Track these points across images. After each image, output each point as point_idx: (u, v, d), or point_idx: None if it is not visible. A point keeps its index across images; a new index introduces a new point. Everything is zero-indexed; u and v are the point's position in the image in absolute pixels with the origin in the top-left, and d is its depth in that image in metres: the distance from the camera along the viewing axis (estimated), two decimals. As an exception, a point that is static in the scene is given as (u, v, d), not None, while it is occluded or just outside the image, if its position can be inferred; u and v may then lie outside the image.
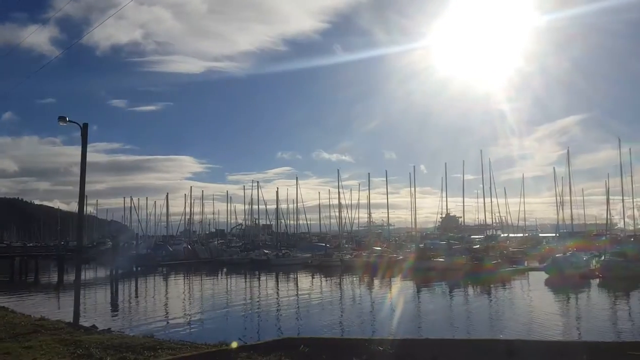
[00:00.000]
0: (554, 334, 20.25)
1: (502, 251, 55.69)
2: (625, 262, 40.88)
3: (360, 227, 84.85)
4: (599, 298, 32.97)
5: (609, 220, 57.51)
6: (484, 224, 69.09)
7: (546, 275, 41.89)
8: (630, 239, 55.80)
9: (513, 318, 25.05)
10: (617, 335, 20.32)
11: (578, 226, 68.26)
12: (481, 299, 33.51)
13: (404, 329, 21.89)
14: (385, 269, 47.40)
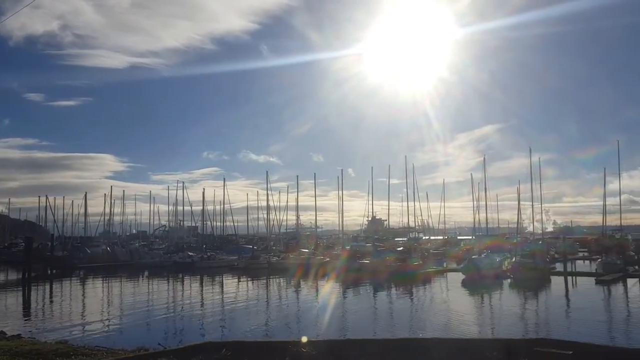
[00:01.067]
0: (468, 332, 21.36)
1: (424, 252, 58.02)
2: (533, 263, 44.02)
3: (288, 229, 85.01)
4: (509, 296, 35.18)
5: (520, 224, 61.51)
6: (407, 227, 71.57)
7: (463, 275, 44.20)
8: (538, 241, 59.99)
9: (432, 316, 26.16)
10: (525, 332, 21.77)
11: (492, 229, 72.42)
12: (404, 298, 34.67)
13: (330, 330, 22.20)
14: (313, 271, 47.87)
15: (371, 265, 48.63)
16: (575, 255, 67.63)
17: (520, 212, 58.90)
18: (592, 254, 64.27)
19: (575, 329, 22.48)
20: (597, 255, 55.99)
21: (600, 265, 46.68)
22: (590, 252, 66.89)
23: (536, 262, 44.72)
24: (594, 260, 55.50)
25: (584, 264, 58.45)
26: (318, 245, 69.98)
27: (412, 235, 69.65)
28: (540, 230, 64.74)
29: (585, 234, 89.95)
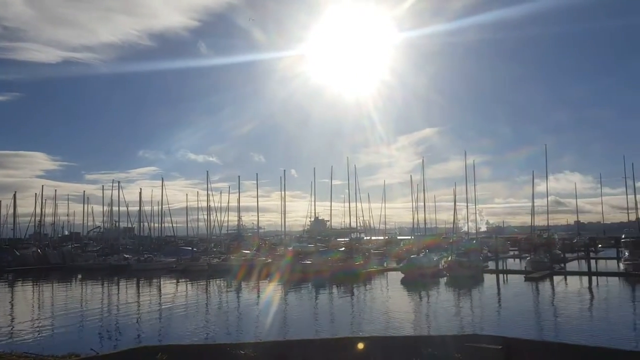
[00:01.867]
0: (406, 330, 21.93)
1: (365, 252, 59.02)
2: (468, 261, 45.88)
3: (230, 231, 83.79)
4: (445, 294, 36.42)
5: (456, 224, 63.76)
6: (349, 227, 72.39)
7: (402, 274, 45.38)
8: (472, 240, 62.48)
9: (372, 315, 26.65)
10: (460, 328, 22.61)
11: (431, 229, 74.79)
12: (346, 297, 35.10)
13: (272, 331, 22.14)
14: (256, 272, 47.53)
15: (314, 265, 48.93)
16: (507, 253, 71.12)
17: (456, 212, 61.08)
18: (522, 252, 67.82)
19: (505, 325, 23.64)
20: (527, 253, 59.04)
21: (529, 263, 49.35)
22: (520, 250, 70.55)
23: (470, 260, 46.69)
24: (524, 258, 58.53)
25: (515, 262, 61.53)
26: (261, 246, 69.53)
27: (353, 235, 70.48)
28: (475, 229, 67.54)
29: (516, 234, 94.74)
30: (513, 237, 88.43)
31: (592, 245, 68.68)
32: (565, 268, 49.68)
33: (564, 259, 53.69)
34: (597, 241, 77.73)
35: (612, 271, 46.90)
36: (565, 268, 49.68)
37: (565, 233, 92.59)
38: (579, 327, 22.67)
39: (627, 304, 30.71)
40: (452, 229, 63.26)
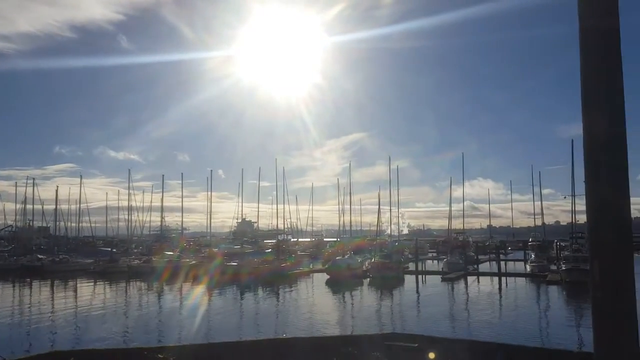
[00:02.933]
0: (330, 330, 22.47)
1: (292, 254, 59.42)
2: (390, 263, 47.51)
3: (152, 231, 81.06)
4: (368, 294, 37.59)
5: (379, 226, 65.88)
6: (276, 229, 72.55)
7: (328, 275, 46.20)
8: (394, 242, 64.80)
9: (297, 316, 27.02)
10: (380, 327, 23.50)
11: (356, 231, 76.60)
12: (271, 299, 35.24)
13: (194, 334, 21.84)
14: (179, 274, 46.38)
15: (240, 267, 48.55)
16: (426, 255, 74.31)
17: (380, 215, 63.16)
18: (439, 254, 71.19)
19: (422, 323, 24.87)
20: (444, 255, 62.08)
21: (445, 265, 51.99)
22: (438, 252, 74.03)
23: (393, 262, 48.40)
24: (441, 259, 61.48)
25: (433, 263, 64.46)
26: (185, 248, 67.89)
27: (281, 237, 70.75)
28: (397, 232, 70.06)
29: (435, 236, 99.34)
30: (432, 240, 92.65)
31: (503, 248, 73.39)
32: (478, 269, 52.86)
33: (477, 261, 57.07)
34: (507, 244, 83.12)
35: (520, 272, 50.42)
36: (478, 269, 52.86)
37: (479, 236, 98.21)
38: (489, 324, 24.32)
39: (532, 302, 33.24)
40: (376, 231, 65.22)
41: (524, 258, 60.00)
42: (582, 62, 3.13)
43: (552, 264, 49.13)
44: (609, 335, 3.06)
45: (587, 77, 3.12)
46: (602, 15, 3.02)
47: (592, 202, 3.14)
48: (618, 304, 3.03)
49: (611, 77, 3.04)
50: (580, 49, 3.13)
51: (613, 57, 3.03)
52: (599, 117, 3.06)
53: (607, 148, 3.04)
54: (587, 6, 3.09)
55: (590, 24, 3.06)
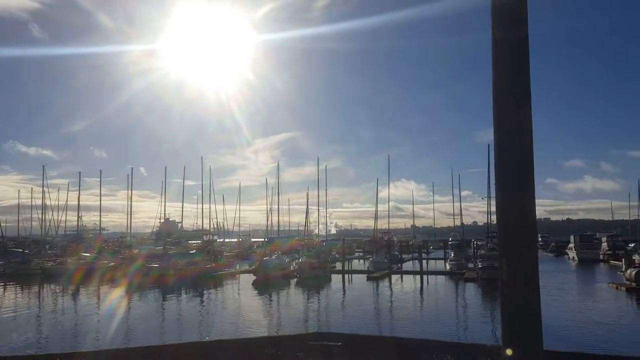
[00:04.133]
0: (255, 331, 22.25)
1: (217, 255, 58.29)
2: (317, 263, 47.85)
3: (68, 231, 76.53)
4: (294, 295, 37.66)
5: (307, 227, 66.24)
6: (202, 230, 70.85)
7: (254, 276, 45.74)
8: (322, 242, 65.44)
9: (222, 318, 26.55)
10: (306, 327, 23.60)
11: (284, 232, 76.55)
12: (195, 301, 34.33)
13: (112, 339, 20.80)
14: (97, 276, 44.04)
15: (163, 268, 46.89)
16: (353, 255, 75.74)
17: (308, 215, 63.54)
18: (366, 253, 72.79)
19: (347, 322, 25.21)
20: (370, 255, 63.52)
21: (371, 264, 53.24)
22: (364, 252, 75.69)
23: (320, 262, 48.78)
24: (367, 259, 62.88)
25: (359, 262, 65.79)
26: (104, 249, 64.67)
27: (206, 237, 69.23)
28: (325, 232, 70.82)
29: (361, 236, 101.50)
30: (359, 240, 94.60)
31: (425, 247, 76.20)
32: (402, 268, 54.62)
33: (401, 260, 58.96)
34: (429, 243, 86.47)
35: (440, 270, 52.63)
36: (402, 268, 54.62)
37: (403, 236, 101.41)
38: (411, 321, 25.15)
39: (451, 299, 34.80)
40: (304, 231, 65.54)
41: (444, 257, 62.61)
42: (494, 70, 3.28)
43: (470, 262, 51.69)
44: (516, 329, 3.22)
45: (498, 84, 3.28)
46: (512, 26, 3.19)
47: (501, 204, 3.30)
48: (524, 300, 3.21)
49: (520, 85, 3.21)
50: (492, 57, 3.28)
51: (522, 66, 3.21)
52: (508, 123, 3.23)
53: (515, 153, 3.20)
54: (498, 17, 3.25)
55: (501, 34, 3.22)
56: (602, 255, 67.99)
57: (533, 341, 3.20)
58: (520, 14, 3.20)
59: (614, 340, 20.14)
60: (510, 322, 3.26)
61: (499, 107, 3.27)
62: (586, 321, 24.66)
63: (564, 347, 14.36)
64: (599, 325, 23.40)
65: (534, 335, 3.20)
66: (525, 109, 3.21)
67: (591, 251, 69.24)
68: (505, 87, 3.24)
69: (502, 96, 3.25)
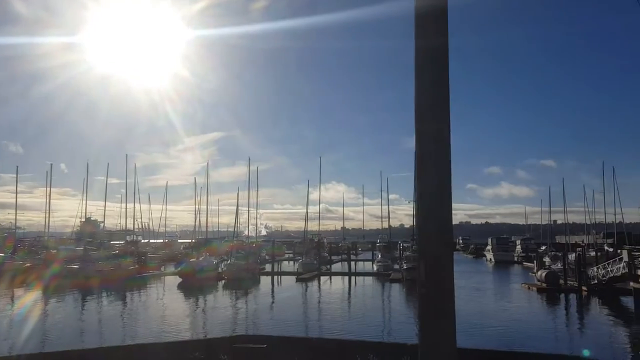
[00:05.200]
0: (180, 334, 21.65)
1: (142, 257, 56.12)
2: (245, 265, 47.31)
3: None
4: (222, 297, 37.08)
5: (237, 228, 65.34)
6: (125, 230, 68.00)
7: (180, 278, 44.47)
8: (252, 244, 64.81)
9: (145, 322, 25.59)
10: (233, 330, 23.27)
11: (213, 233, 75.03)
12: (117, 304, 32.85)
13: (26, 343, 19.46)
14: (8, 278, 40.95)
15: (83, 270, 44.48)
16: (283, 256, 75.63)
17: (238, 216, 62.65)
18: (296, 255, 72.89)
19: (274, 324, 25.14)
20: (300, 256, 63.71)
21: (300, 265, 53.43)
22: (294, 253, 75.74)
23: (249, 263, 48.30)
24: (297, 261, 63.02)
25: (289, 264, 65.80)
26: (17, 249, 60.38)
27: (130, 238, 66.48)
28: (255, 234, 70.17)
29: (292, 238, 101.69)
30: (289, 241, 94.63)
31: (354, 249, 77.56)
32: (331, 269, 55.29)
33: (330, 261, 59.67)
34: (357, 245, 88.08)
35: (368, 271, 53.82)
36: (331, 269, 55.29)
37: (333, 237, 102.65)
38: (338, 322, 25.49)
39: (377, 300, 35.65)
40: (233, 232, 64.64)
41: (372, 258, 64.00)
42: (415, 78, 3.40)
43: (396, 263, 53.22)
44: (431, 328, 3.34)
45: (419, 92, 3.39)
46: (433, 36, 3.32)
47: (421, 209, 3.42)
48: (440, 299, 3.33)
49: (439, 94, 3.34)
50: (414, 65, 3.40)
51: (442, 74, 3.34)
52: (427, 129, 3.35)
53: (434, 159, 3.33)
54: (421, 27, 3.37)
55: (422, 43, 3.35)
56: (516, 257, 72.36)
57: (447, 339, 3.33)
58: (441, 25, 3.33)
59: (523, 338, 21.47)
60: (426, 320, 3.37)
61: (420, 114, 3.38)
62: (499, 320, 26.13)
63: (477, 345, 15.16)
64: (510, 324, 24.88)
65: (447, 333, 3.33)
66: (444, 116, 3.34)
67: (506, 253, 73.68)
68: (425, 95, 3.36)
69: (423, 103, 3.37)
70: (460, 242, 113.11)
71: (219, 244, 57.83)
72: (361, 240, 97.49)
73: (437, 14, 3.32)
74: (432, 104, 3.33)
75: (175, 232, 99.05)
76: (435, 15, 3.32)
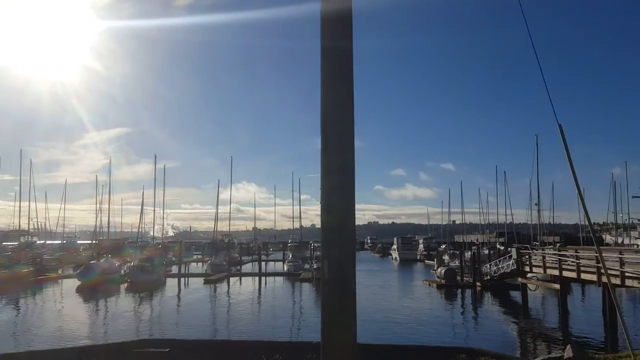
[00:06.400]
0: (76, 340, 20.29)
1: (37, 259, 51.93)
2: (150, 266, 45.38)
3: None
4: (125, 300, 35.30)
5: (142, 228, 62.52)
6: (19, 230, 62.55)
7: (79, 281, 41.68)
8: (158, 245, 62.35)
9: (41, 327, 23.81)
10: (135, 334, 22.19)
11: (116, 233, 71.23)
12: (8, 309, 30.09)
13: None
14: None
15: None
16: (191, 258, 73.62)
17: (143, 216, 59.91)
18: (205, 256, 71.23)
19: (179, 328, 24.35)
20: (209, 257, 62.32)
21: (209, 267, 52.33)
22: (203, 254, 73.97)
23: (153, 265, 46.40)
24: (206, 262, 61.60)
25: (197, 265, 64.20)
26: None
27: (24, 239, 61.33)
28: (161, 234, 67.53)
29: (201, 239, 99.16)
30: (198, 242, 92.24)
31: (265, 249, 77.34)
32: (241, 270, 54.67)
33: (240, 262, 58.99)
34: (269, 245, 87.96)
35: (279, 272, 53.90)
36: (241, 270, 54.67)
37: (245, 238, 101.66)
38: (245, 323, 25.27)
39: (287, 299, 35.76)
40: (137, 233, 61.82)
41: (283, 258, 64.20)
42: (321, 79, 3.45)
43: (307, 263, 53.81)
44: (333, 325, 3.41)
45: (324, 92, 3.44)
46: (339, 38, 3.39)
47: (324, 208, 3.47)
48: (342, 297, 3.40)
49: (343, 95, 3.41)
50: (321, 66, 3.45)
51: (347, 76, 3.42)
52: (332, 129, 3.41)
53: (338, 159, 3.39)
54: (326, 29, 3.43)
55: (328, 43, 3.41)
56: (419, 256, 76.23)
57: (348, 336, 3.41)
58: (347, 27, 3.41)
59: (421, 331, 22.61)
60: (328, 318, 3.43)
61: (325, 114, 3.44)
62: (400, 315, 27.31)
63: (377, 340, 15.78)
64: (410, 319, 26.11)
65: (349, 330, 3.41)
66: (349, 117, 3.41)
67: (410, 252, 77.47)
68: (330, 96, 3.42)
69: (328, 103, 3.43)
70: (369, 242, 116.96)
71: (135, 251, 54.18)
72: (272, 241, 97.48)
73: (343, 16, 3.40)
74: (337, 106, 3.40)
75: (75, 233, 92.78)
76: (341, 18, 3.40)
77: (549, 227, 60.88)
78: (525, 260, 30.67)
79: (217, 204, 65.50)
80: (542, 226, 53.39)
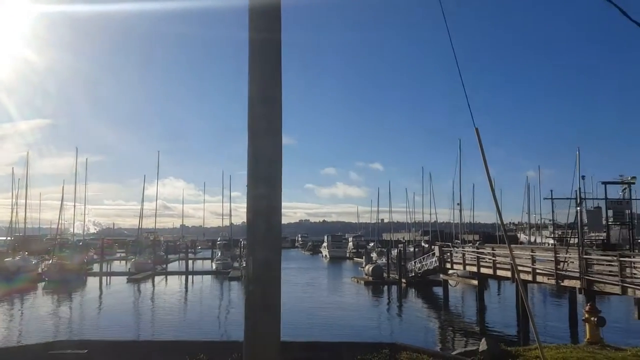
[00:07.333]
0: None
1: None
2: (70, 264, 43.12)
3: None
4: (42, 300, 33.33)
5: (62, 224, 59.08)
6: None
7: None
8: (78, 242, 59.21)
9: None
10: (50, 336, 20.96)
11: (33, 229, 66.88)
12: None
13: None
14: None
15: None
16: (114, 255, 70.57)
17: (62, 212, 56.60)
18: (128, 254, 68.45)
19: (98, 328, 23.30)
20: (133, 255, 59.99)
21: (133, 265, 50.36)
22: (127, 252, 71.06)
23: (73, 263, 44.15)
24: (130, 260, 59.24)
25: (120, 264, 61.63)
26: None
27: None
28: (82, 231, 64.19)
29: (125, 236, 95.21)
30: (121, 240, 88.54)
31: (193, 247, 75.57)
32: (167, 268, 53.09)
33: (167, 260, 57.23)
34: (197, 243, 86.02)
35: (207, 270, 52.84)
36: (167, 268, 53.09)
37: (172, 235, 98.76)
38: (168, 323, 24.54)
39: (214, 299, 35.14)
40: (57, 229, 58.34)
41: (212, 256, 63.05)
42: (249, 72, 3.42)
43: (236, 261, 53.16)
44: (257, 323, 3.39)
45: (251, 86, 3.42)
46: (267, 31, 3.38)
47: (251, 206, 3.44)
48: (267, 296, 3.39)
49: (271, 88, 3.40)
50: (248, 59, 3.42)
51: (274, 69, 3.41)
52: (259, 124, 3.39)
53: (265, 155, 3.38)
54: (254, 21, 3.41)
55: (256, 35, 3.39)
56: (349, 254, 77.57)
57: (271, 334, 3.40)
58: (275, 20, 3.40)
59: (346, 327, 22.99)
60: (252, 316, 3.40)
61: (252, 108, 3.41)
62: (327, 312, 27.68)
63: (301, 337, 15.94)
64: (336, 315, 26.53)
65: (272, 328, 3.40)
66: (276, 111, 3.40)
67: (340, 250, 78.69)
68: (258, 90, 3.39)
69: (255, 98, 3.40)
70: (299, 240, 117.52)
71: (70, 254, 50.32)
72: (201, 238, 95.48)
73: (271, 9, 3.39)
74: (264, 100, 3.37)
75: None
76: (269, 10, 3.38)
77: (470, 226, 63.83)
78: (446, 258, 32.01)
79: (142, 200, 63.07)
80: (463, 225, 55.90)
